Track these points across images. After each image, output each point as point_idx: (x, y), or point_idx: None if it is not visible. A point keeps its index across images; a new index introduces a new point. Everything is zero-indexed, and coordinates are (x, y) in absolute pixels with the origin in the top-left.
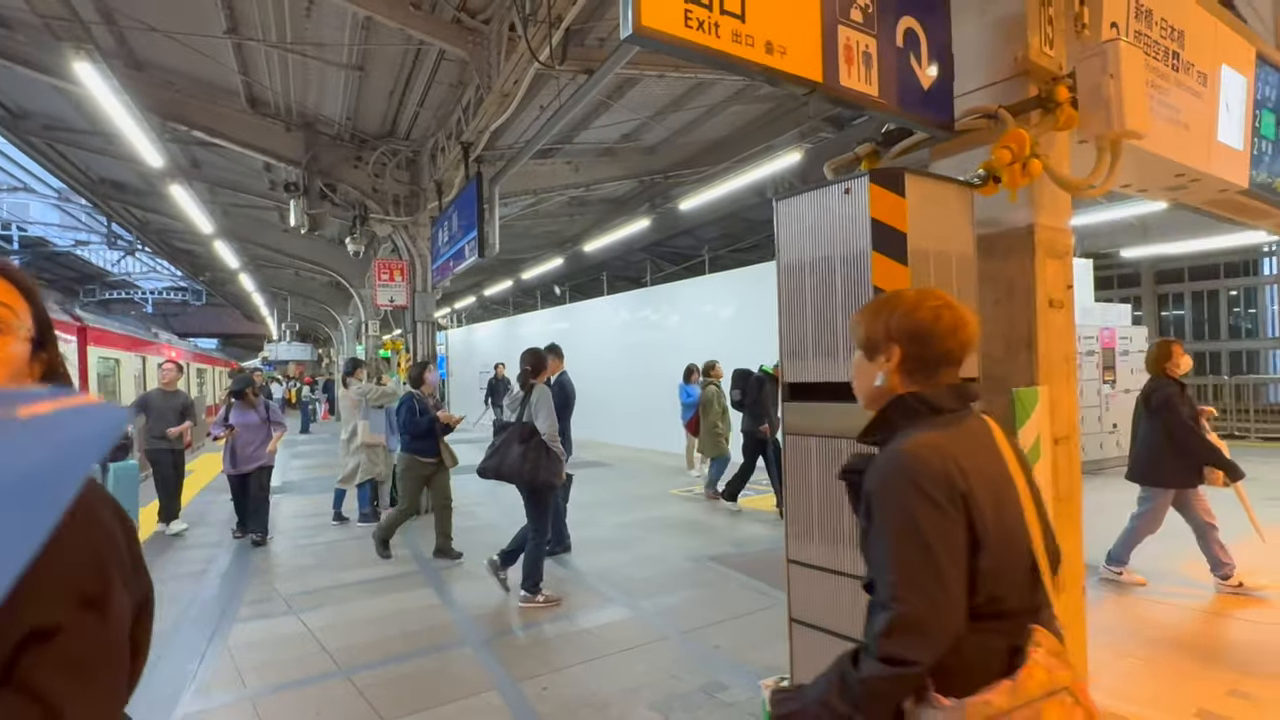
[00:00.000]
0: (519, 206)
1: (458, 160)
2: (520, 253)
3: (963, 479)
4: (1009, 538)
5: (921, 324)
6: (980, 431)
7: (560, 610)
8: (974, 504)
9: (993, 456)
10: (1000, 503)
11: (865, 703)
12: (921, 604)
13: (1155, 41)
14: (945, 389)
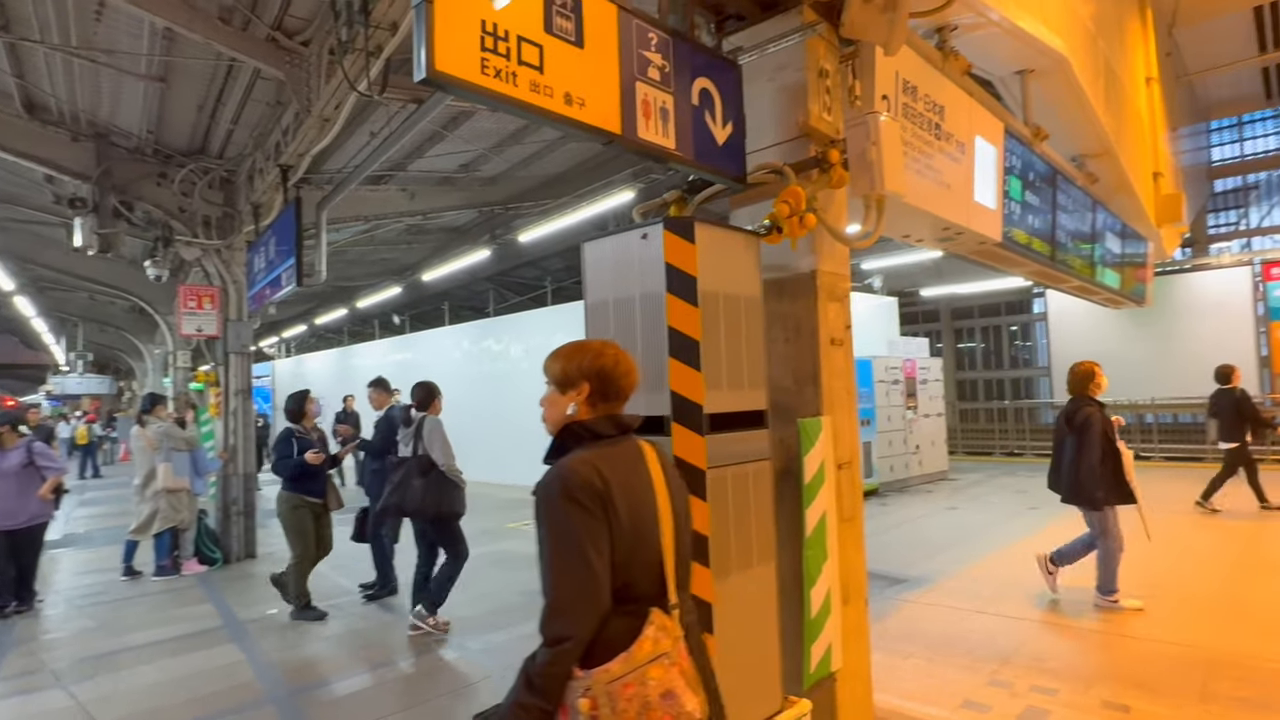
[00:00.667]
0: (352, 232)
1: (277, 183)
2: (355, 280)
3: (604, 487)
4: (641, 538)
5: (605, 366)
6: (631, 453)
7: (380, 657)
8: (612, 508)
9: (638, 473)
10: (637, 510)
11: (544, 685)
12: (572, 588)
13: (920, 113)
14: (605, 418)
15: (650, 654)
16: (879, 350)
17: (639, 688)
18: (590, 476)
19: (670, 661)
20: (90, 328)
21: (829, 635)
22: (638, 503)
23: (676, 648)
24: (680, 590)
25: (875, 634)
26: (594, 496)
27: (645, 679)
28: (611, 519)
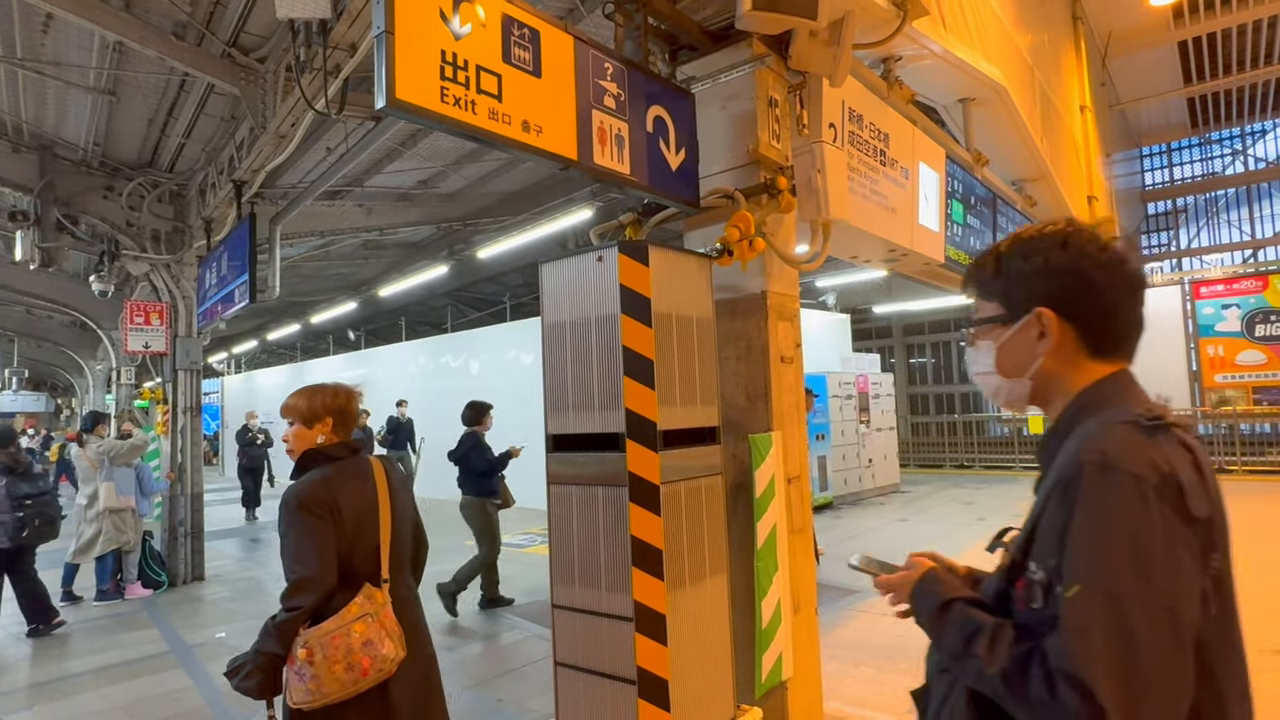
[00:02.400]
0: (306, 247)
1: (229, 198)
2: (310, 295)
3: (332, 499)
4: (362, 534)
5: (342, 404)
6: (361, 468)
7: None
8: (338, 514)
9: (365, 485)
10: (361, 514)
11: (279, 638)
12: (304, 573)
13: (866, 141)
14: (339, 444)
15: (356, 615)
16: (833, 366)
17: (344, 639)
18: (321, 492)
19: (373, 620)
20: (26, 343)
21: (780, 644)
22: (361, 507)
23: (382, 611)
24: (395, 571)
25: (828, 643)
26: (324, 506)
27: (350, 632)
28: (337, 522)
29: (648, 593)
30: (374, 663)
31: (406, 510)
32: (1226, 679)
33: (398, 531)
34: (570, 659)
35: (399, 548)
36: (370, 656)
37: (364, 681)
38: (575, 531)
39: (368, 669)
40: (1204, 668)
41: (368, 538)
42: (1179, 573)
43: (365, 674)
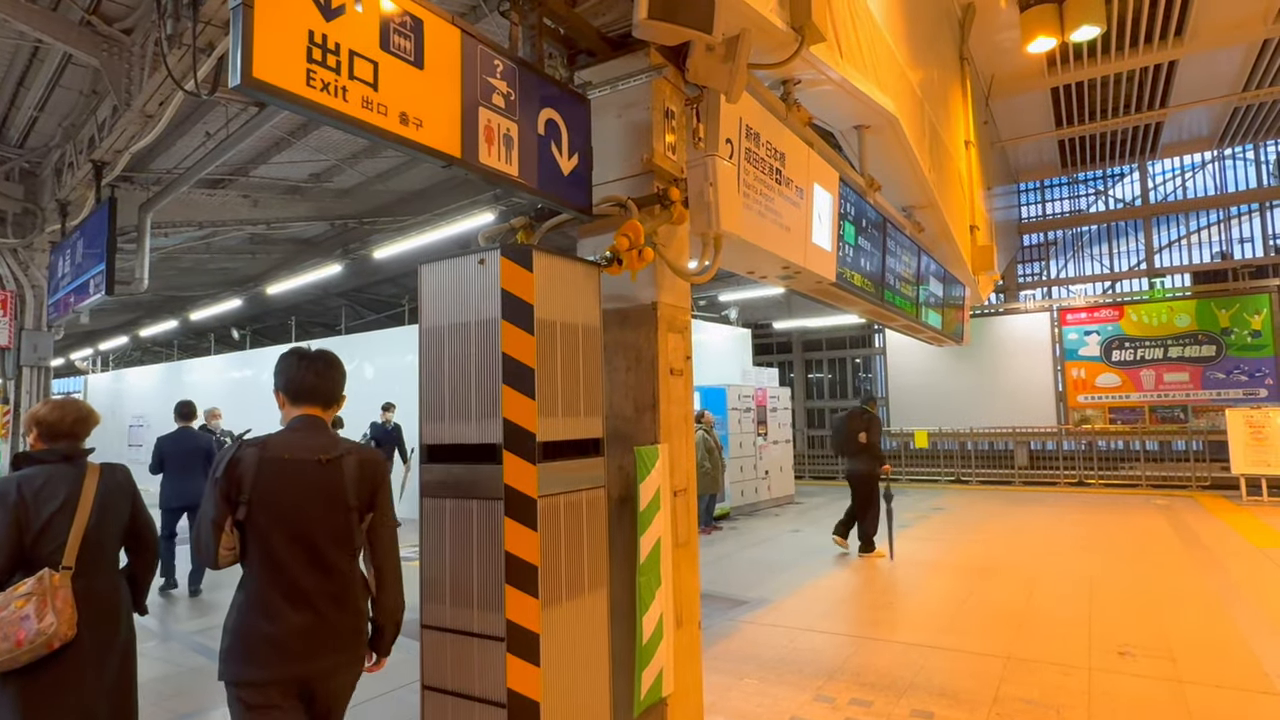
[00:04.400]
0: (184, 238)
1: (89, 179)
2: (189, 290)
3: (19, 498)
4: (47, 529)
5: (46, 418)
6: (72, 471)
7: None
8: (21, 509)
9: (66, 485)
10: (50, 513)
11: None
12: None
13: (762, 158)
14: (47, 450)
15: (22, 593)
16: (734, 379)
17: (11, 611)
18: (9, 489)
19: (35, 597)
20: None
21: (661, 660)
22: (50, 504)
23: (53, 592)
24: (86, 562)
25: (715, 655)
26: (5, 503)
27: (9, 605)
28: (22, 513)
29: (521, 611)
30: (28, 635)
31: (111, 514)
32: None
33: (92, 527)
34: (438, 682)
35: (92, 543)
36: (27, 630)
37: (20, 652)
38: (448, 547)
39: (22, 640)
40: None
41: (56, 533)
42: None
43: (20, 644)
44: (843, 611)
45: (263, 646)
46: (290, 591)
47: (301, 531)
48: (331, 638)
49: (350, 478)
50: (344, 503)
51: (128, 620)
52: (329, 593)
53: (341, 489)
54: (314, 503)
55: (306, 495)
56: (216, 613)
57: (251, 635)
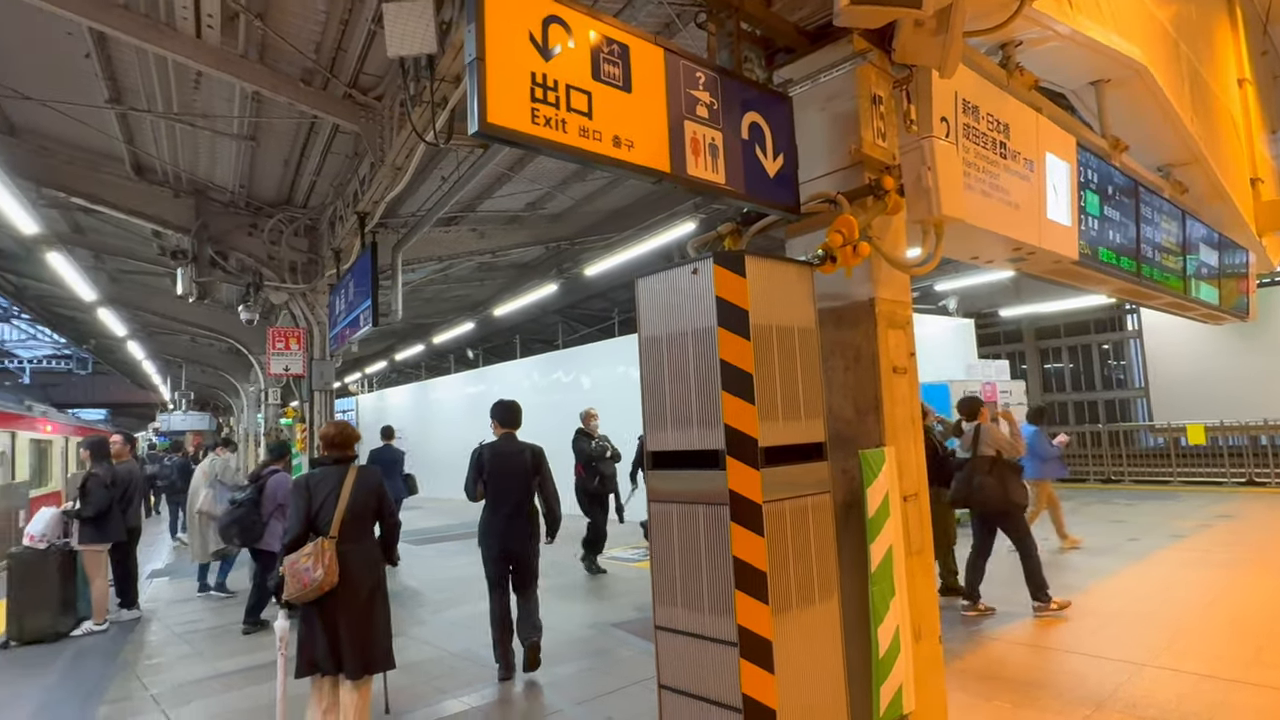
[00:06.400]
0: (426, 272)
1: (355, 229)
2: (431, 317)
3: (308, 485)
4: (324, 509)
5: (328, 434)
6: (338, 470)
7: (451, 688)
8: (311, 494)
9: (336, 480)
10: (324, 496)
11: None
12: (290, 528)
13: (983, 133)
14: (326, 456)
15: (308, 553)
16: (956, 374)
17: (298, 563)
18: (303, 483)
19: (313, 556)
20: (192, 368)
21: (900, 674)
22: (325, 493)
23: (326, 551)
24: (345, 533)
25: (955, 673)
26: (301, 490)
27: (300, 559)
28: (308, 499)
29: (752, 617)
30: (310, 580)
31: (363, 498)
32: None
33: (348, 511)
34: (674, 682)
35: (349, 520)
36: (309, 575)
37: (306, 591)
38: (676, 551)
39: (306, 583)
40: None
41: (327, 511)
42: None
43: (305, 586)
44: (1110, 631)
45: (490, 535)
46: (502, 510)
47: (507, 485)
48: (520, 532)
49: (527, 460)
50: (526, 472)
51: (375, 572)
52: (519, 513)
53: (525, 466)
54: (512, 472)
55: (509, 468)
56: (471, 604)
57: (488, 531)
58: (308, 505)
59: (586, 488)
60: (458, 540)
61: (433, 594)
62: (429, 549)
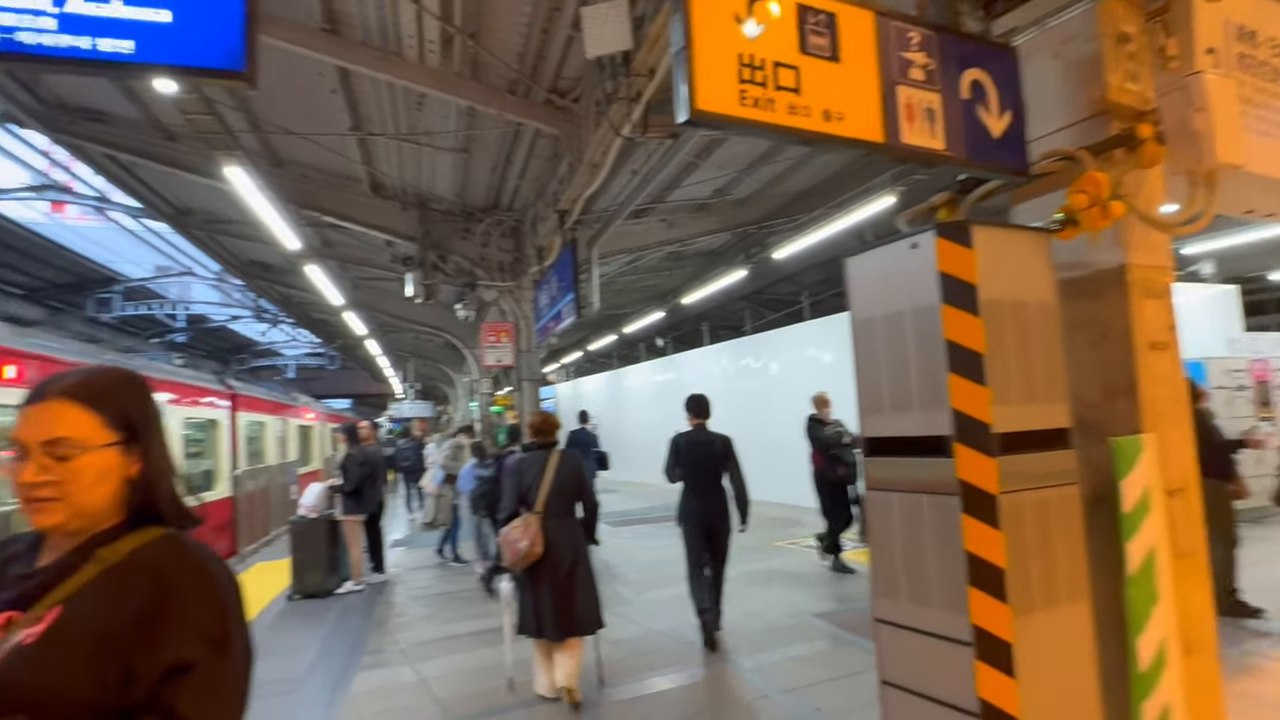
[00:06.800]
0: (618, 264)
1: (555, 227)
2: (622, 308)
3: (519, 468)
4: (530, 488)
5: (533, 423)
6: (543, 454)
7: (659, 665)
8: (520, 475)
9: (541, 463)
10: (531, 477)
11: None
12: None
13: (1263, 62)
14: (532, 442)
15: (518, 525)
16: (1215, 350)
17: (509, 534)
18: (515, 465)
19: (521, 529)
20: (417, 362)
21: (1166, 693)
22: (532, 475)
23: (531, 525)
24: (548, 509)
25: (1236, 695)
26: (514, 472)
27: (512, 531)
28: (520, 479)
29: (989, 616)
30: (518, 551)
31: (565, 479)
32: None
33: (552, 490)
34: (898, 679)
35: (553, 499)
36: (518, 546)
37: (517, 561)
38: (898, 542)
39: (515, 553)
40: None
41: (534, 490)
42: None
43: (515, 555)
44: None
45: (689, 514)
46: (699, 492)
47: (700, 470)
48: (715, 511)
49: (717, 447)
50: (715, 457)
51: (576, 546)
52: (713, 495)
53: (715, 453)
54: (704, 458)
55: (701, 455)
56: (673, 585)
57: (686, 510)
58: (518, 485)
59: (828, 476)
60: (654, 523)
61: (635, 574)
62: (627, 531)
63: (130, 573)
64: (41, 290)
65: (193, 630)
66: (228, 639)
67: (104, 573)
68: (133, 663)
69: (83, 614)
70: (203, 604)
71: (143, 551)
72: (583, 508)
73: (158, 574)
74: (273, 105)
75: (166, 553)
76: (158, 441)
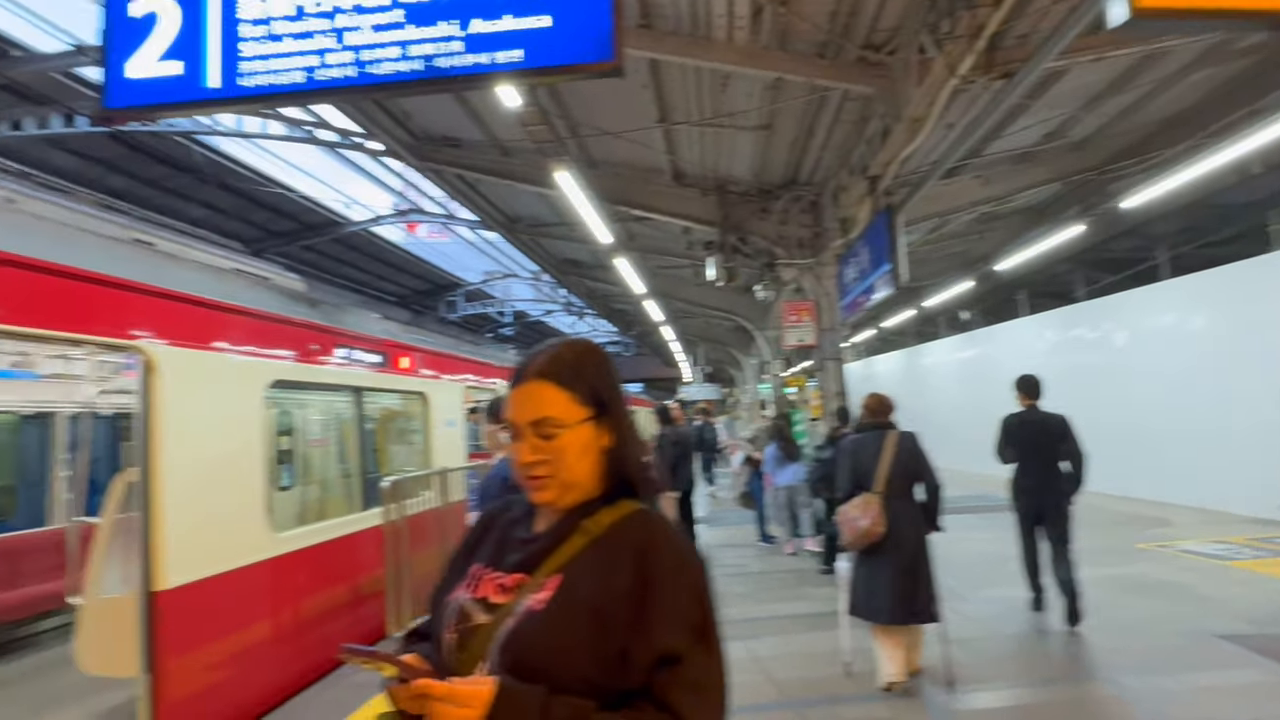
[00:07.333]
0: (921, 232)
1: (862, 195)
2: (921, 279)
3: (853, 448)
4: (868, 471)
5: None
6: (879, 436)
7: (1011, 673)
8: (855, 457)
9: (877, 444)
10: (867, 458)
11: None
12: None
13: None
14: (868, 423)
15: (857, 504)
16: None
17: (848, 513)
18: (850, 445)
19: (861, 507)
20: (706, 346)
21: None
22: (869, 455)
23: (872, 504)
24: (888, 489)
25: None
26: (849, 452)
27: (850, 509)
28: (856, 460)
29: None
30: (857, 530)
31: (904, 459)
32: None
33: (892, 471)
34: None
35: (892, 479)
36: (858, 526)
37: (856, 540)
38: None
39: (854, 532)
40: None
41: (871, 472)
42: None
43: (854, 534)
44: None
45: (1022, 495)
46: (1031, 473)
47: (1033, 451)
48: (1050, 492)
49: (1053, 427)
50: (1050, 437)
51: (918, 530)
52: (1048, 475)
53: (1050, 433)
54: (1038, 438)
55: (1034, 435)
56: (1008, 585)
57: (1020, 491)
58: (853, 465)
59: None
60: (974, 514)
61: (962, 569)
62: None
63: (613, 548)
64: (407, 297)
65: (678, 619)
66: (709, 629)
67: (591, 545)
68: (626, 644)
69: (579, 585)
70: (685, 590)
71: (622, 526)
72: (924, 490)
73: (641, 554)
74: (590, 110)
75: (646, 531)
76: (623, 412)
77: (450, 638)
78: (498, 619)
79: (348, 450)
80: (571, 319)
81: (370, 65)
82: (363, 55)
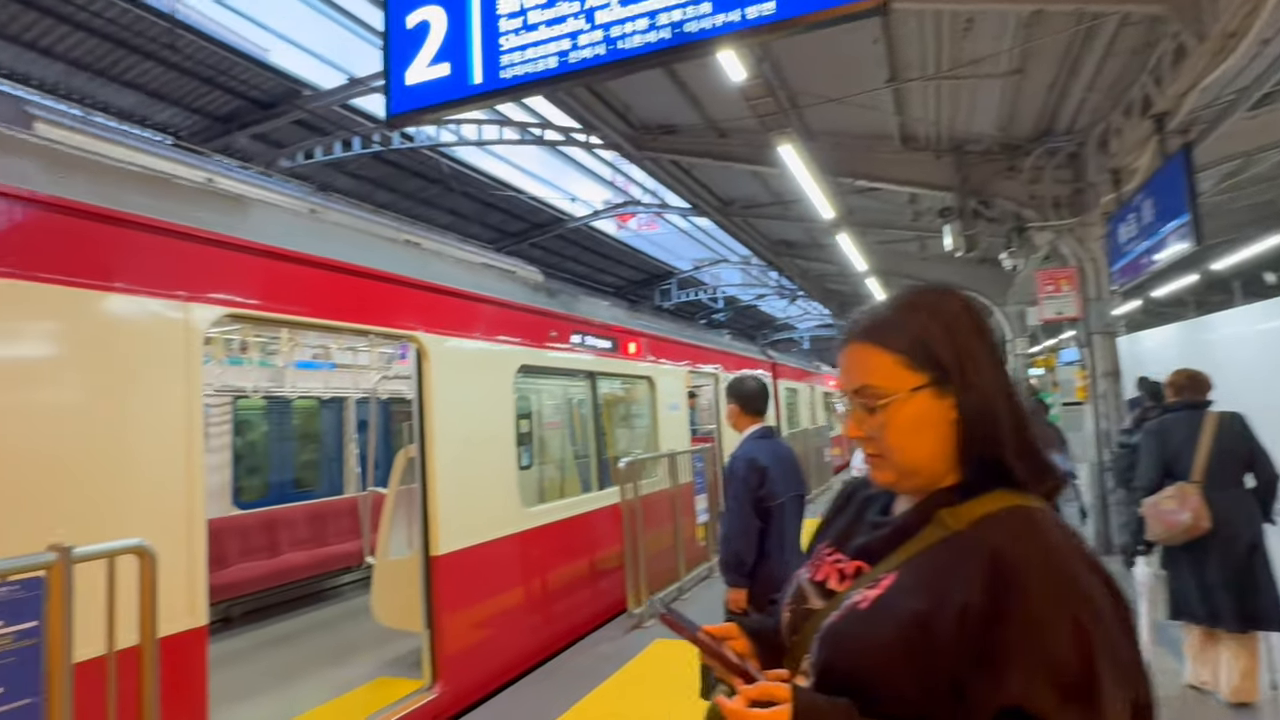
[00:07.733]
0: (1212, 179)
1: (1143, 138)
2: (1208, 237)
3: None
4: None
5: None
6: (1196, 416)
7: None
8: (1164, 439)
9: (1193, 425)
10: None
11: None
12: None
13: None
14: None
15: (1170, 495)
16: None
17: (1160, 505)
18: (1156, 427)
19: (1179, 499)
20: None
21: None
22: (1181, 439)
23: (1190, 495)
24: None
25: None
26: (1155, 435)
27: (1163, 501)
28: (1163, 444)
29: None
30: (1172, 524)
31: (1230, 443)
32: None
33: (1211, 456)
34: None
35: (1213, 466)
36: (1172, 519)
37: (1172, 533)
38: None
39: (1170, 525)
40: None
41: (1185, 456)
42: None
43: (1170, 527)
44: None
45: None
46: None
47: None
48: None
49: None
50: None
51: (1253, 524)
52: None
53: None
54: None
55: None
56: None
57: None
58: (1160, 450)
59: None
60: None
61: None
62: None
63: (967, 552)
64: (623, 287)
65: (1041, 665)
66: (1094, 690)
67: (942, 542)
68: (960, 676)
69: (913, 588)
70: (1064, 629)
71: (987, 524)
72: (1256, 479)
73: (998, 565)
74: (811, 76)
75: (1015, 535)
76: (983, 378)
77: (786, 616)
78: (828, 608)
79: (581, 432)
80: (783, 303)
81: (620, 40)
82: (612, 31)
